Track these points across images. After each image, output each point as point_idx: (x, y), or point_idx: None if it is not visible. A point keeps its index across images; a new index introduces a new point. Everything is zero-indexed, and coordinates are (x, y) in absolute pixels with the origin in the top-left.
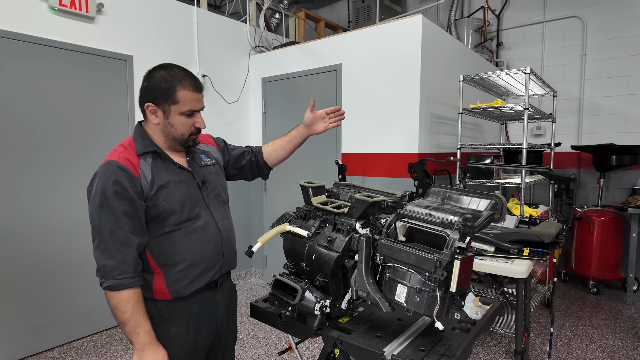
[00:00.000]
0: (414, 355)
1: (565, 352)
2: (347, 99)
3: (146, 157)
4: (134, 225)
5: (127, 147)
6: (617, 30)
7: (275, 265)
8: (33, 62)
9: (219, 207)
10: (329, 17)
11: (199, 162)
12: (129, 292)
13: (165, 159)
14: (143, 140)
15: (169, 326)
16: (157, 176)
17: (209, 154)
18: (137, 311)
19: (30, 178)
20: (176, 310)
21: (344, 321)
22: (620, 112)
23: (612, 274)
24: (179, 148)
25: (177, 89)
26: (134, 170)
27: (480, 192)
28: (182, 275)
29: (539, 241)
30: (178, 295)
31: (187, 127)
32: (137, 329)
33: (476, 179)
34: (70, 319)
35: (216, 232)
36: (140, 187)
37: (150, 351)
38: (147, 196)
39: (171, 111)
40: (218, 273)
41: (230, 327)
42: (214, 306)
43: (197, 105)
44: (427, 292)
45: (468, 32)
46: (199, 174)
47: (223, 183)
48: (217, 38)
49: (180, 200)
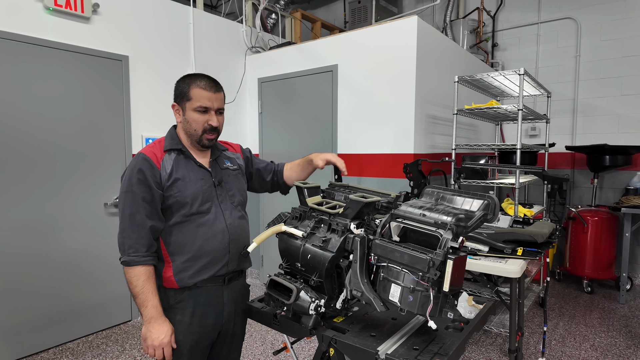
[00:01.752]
0: (407, 354)
1: (559, 350)
2: (343, 99)
3: (171, 153)
4: (151, 211)
5: (157, 143)
6: (610, 32)
7: (271, 265)
8: (28, 62)
9: (231, 206)
10: (325, 18)
11: (220, 164)
12: (140, 268)
13: (188, 157)
14: (172, 140)
15: (175, 314)
16: (176, 169)
17: (234, 161)
18: (146, 286)
19: (23, 179)
20: (182, 299)
21: (339, 321)
22: (614, 112)
23: (606, 273)
24: (198, 147)
25: (192, 87)
26: (157, 162)
27: (473, 193)
28: (188, 265)
29: (533, 241)
30: (184, 285)
31: (200, 123)
32: (145, 302)
33: (471, 179)
34: (65, 320)
35: (223, 229)
36: (160, 178)
37: (157, 324)
38: (164, 186)
39: (186, 108)
40: (224, 269)
41: (238, 326)
42: (220, 301)
43: (209, 103)
44: (421, 291)
45: (463, 33)
46: (218, 175)
47: (241, 186)
48: (213, 38)
49: (192, 194)
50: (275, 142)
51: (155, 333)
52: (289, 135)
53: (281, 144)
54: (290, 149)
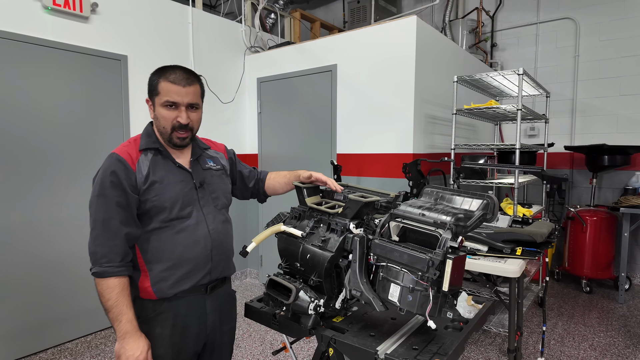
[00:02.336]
0: (406, 353)
1: (558, 350)
2: (342, 99)
3: (147, 153)
4: (126, 217)
5: (132, 142)
6: (609, 32)
7: (271, 265)
8: (27, 62)
9: (214, 210)
10: (325, 18)
11: (202, 164)
12: (114, 280)
13: (166, 157)
14: (148, 138)
15: (154, 327)
16: (153, 171)
17: (217, 160)
18: (120, 299)
19: (23, 178)
20: (162, 311)
21: (338, 320)
22: (613, 112)
23: (605, 273)
24: (170, 145)
25: (160, 80)
26: (132, 164)
27: (472, 193)
28: (167, 274)
29: (532, 241)
30: (162, 296)
31: (169, 120)
32: (119, 316)
33: (470, 179)
34: (64, 320)
35: (206, 235)
36: (135, 180)
37: (132, 340)
38: (140, 190)
39: (156, 103)
40: (207, 277)
41: (225, 335)
42: (203, 311)
43: (178, 98)
44: (420, 291)
45: (462, 33)
46: (199, 176)
47: (225, 188)
48: (212, 38)
49: (171, 197)
50: (274, 142)
51: (130, 350)
52: (288, 135)
53: (280, 144)
54: (289, 149)
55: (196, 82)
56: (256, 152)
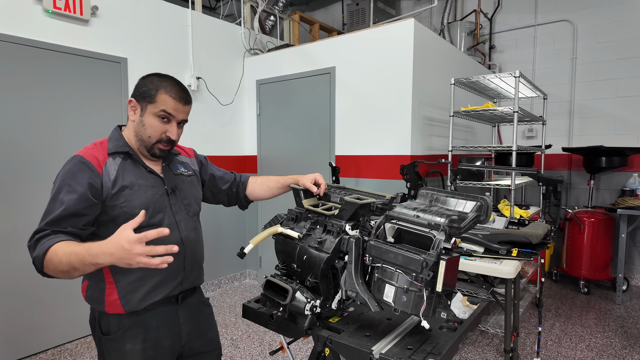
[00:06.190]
0: (401, 353)
1: (555, 350)
2: (341, 101)
3: (116, 157)
4: (76, 224)
5: (98, 145)
6: (606, 34)
7: (270, 266)
8: (27, 64)
9: (187, 217)
10: (324, 20)
11: (174, 170)
12: (53, 247)
13: (137, 161)
14: (117, 141)
15: (124, 343)
16: (122, 176)
17: (188, 166)
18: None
19: (22, 182)
20: (131, 326)
21: (334, 321)
22: (610, 114)
23: (602, 274)
24: (145, 153)
25: (160, 92)
26: (98, 167)
27: (466, 194)
28: (136, 286)
29: (527, 242)
30: (132, 309)
31: (157, 131)
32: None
33: (467, 180)
34: (64, 321)
35: (178, 243)
36: (100, 185)
37: (107, 247)
38: (107, 195)
39: (147, 110)
40: (179, 288)
41: (208, 344)
42: (175, 322)
43: (175, 112)
44: (414, 292)
45: (461, 35)
46: (171, 181)
47: (197, 194)
48: (211, 40)
49: (142, 204)
50: (273, 143)
51: (116, 249)
52: (287, 136)
53: (279, 146)
54: (288, 151)
55: (191, 101)
56: (255, 154)
